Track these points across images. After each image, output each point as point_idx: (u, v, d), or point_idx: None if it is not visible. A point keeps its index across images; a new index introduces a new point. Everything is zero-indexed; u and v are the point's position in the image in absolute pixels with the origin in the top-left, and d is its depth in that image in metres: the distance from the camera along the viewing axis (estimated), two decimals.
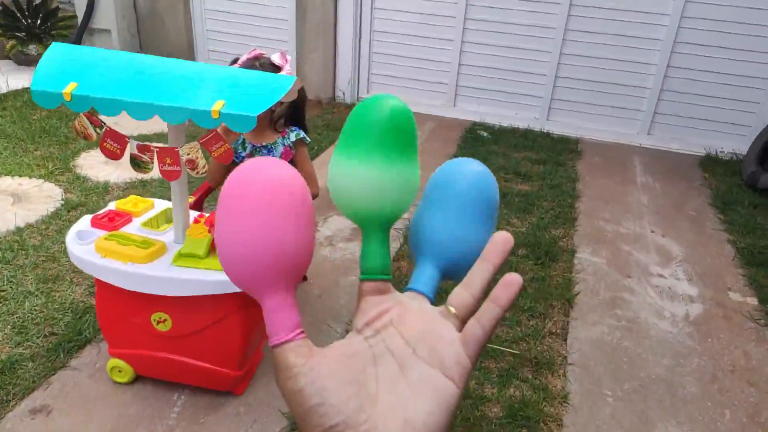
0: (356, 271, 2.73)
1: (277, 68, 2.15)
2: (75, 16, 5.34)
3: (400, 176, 0.47)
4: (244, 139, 2.31)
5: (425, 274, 0.49)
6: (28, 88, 4.73)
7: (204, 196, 2.47)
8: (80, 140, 3.90)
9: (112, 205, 2.10)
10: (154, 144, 1.72)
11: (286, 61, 2.18)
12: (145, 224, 2.00)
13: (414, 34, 4.83)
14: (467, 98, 4.95)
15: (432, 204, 0.52)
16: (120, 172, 3.56)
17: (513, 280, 0.40)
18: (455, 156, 4.16)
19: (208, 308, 1.87)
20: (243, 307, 1.88)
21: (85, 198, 3.24)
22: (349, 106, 5.00)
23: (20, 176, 3.41)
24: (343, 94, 5.10)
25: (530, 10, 4.52)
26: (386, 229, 0.48)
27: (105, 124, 1.69)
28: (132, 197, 2.14)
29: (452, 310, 0.43)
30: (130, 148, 1.71)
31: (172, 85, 1.63)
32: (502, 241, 0.43)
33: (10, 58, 5.28)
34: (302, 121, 2.35)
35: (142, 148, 1.71)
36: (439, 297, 0.47)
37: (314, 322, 2.43)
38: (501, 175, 3.91)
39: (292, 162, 2.33)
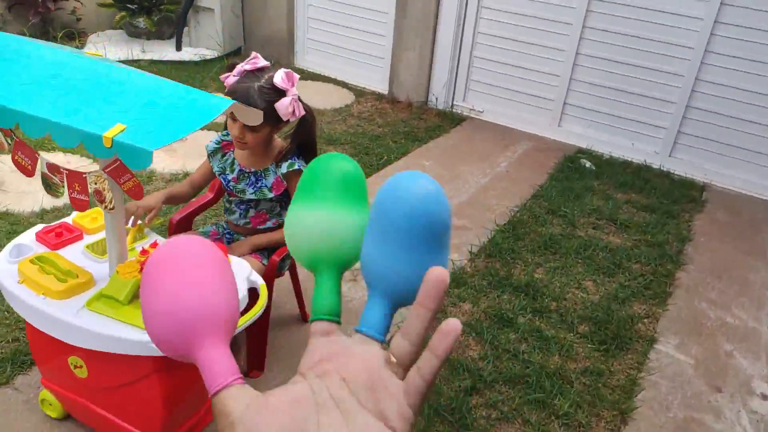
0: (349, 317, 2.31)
1: (279, 92, 1.76)
2: None
3: (348, 221, 0.50)
4: (233, 159, 1.95)
5: (374, 312, 0.48)
6: (122, 60, 4.75)
7: (198, 211, 2.15)
8: None
9: (71, 217, 1.84)
10: (65, 166, 1.40)
11: (292, 84, 1.78)
12: (89, 247, 1.71)
13: (522, 40, 4.22)
14: (575, 119, 4.26)
15: (373, 231, 0.49)
16: (171, 160, 3.38)
17: (450, 329, 0.39)
18: (541, 188, 3.55)
19: (124, 366, 1.53)
20: (164, 370, 1.53)
21: None
22: (440, 114, 4.51)
23: (73, 153, 3.33)
24: (436, 99, 4.62)
25: (665, 23, 3.73)
26: (337, 273, 0.51)
27: (14, 133, 1.39)
28: (98, 209, 1.86)
29: (393, 360, 0.42)
30: (41, 166, 1.41)
31: (79, 96, 1.29)
32: (434, 281, 0.41)
33: (123, 29, 5.39)
34: (311, 148, 1.95)
35: (53, 168, 1.39)
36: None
37: None
38: (590, 220, 3.25)
39: (285, 194, 1.93)
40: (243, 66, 1.76)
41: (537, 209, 3.31)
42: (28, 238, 1.73)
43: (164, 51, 5.13)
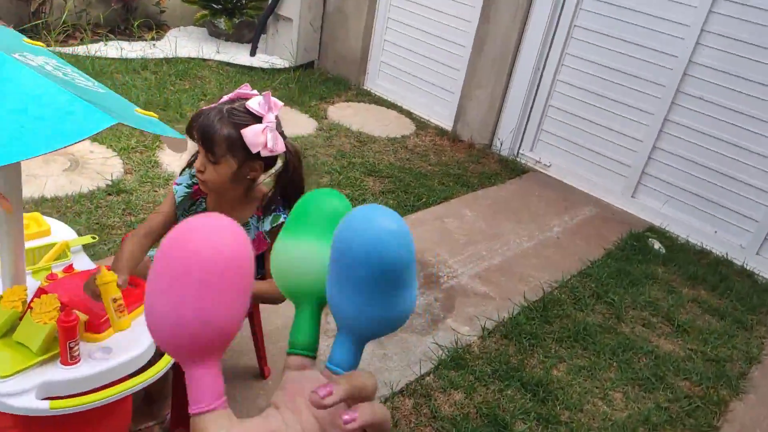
0: None
1: (254, 117, 1.46)
2: None
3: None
4: (205, 209, 1.65)
5: (341, 349, 0.49)
6: (192, 58, 4.71)
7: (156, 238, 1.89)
8: None
9: None
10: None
11: (270, 109, 1.48)
12: None
13: (606, 96, 3.77)
14: (652, 191, 3.74)
15: (333, 272, 0.49)
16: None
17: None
18: (592, 265, 3.08)
19: None
20: (23, 426, 1.27)
21: (140, 185, 2.93)
22: (502, 161, 4.12)
23: (99, 143, 3.23)
24: (501, 144, 4.23)
25: None
26: (318, 306, 0.53)
27: None
28: (35, 215, 1.66)
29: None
30: None
31: None
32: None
33: (205, 27, 5.39)
34: (297, 194, 1.62)
35: None
36: None
37: None
38: (641, 315, 2.75)
39: (267, 254, 1.63)
40: (231, 95, 1.51)
41: (580, 289, 2.85)
42: None
43: (238, 54, 5.07)
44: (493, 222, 3.35)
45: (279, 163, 1.59)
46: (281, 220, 1.56)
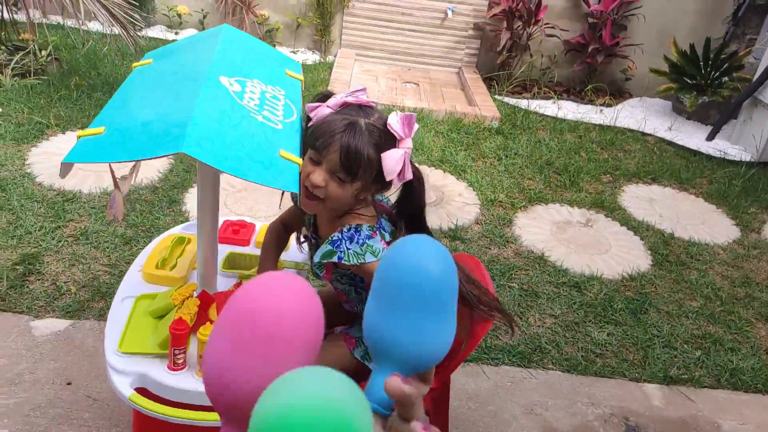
0: None
1: (390, 140, 1.23)
2: (749, 79, 4.38)
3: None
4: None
5: (378, 384, 0.48)
6: (631, 130, 4.33)
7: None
8: None
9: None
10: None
11: (410, 131, 1.25)
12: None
13: None
14: None
15: (374, 299, 0.50)
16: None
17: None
18: None
19: None
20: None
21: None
22: None
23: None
24: None
25: None
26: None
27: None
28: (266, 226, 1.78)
29: None
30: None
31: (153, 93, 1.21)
32: (392, 392, 0.44)
33: (669, 100, 4.90)
34: (417, 221, 1.37)
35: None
36: None
37: None
38: None
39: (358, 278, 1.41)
40: (343, 97, 1.28)
41: None
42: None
43: (691, 135, 4.43)
44: None
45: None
46: (334, 259, 1.29)
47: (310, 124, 1.29)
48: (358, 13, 4.93)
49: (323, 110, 1.27)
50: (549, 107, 4.55)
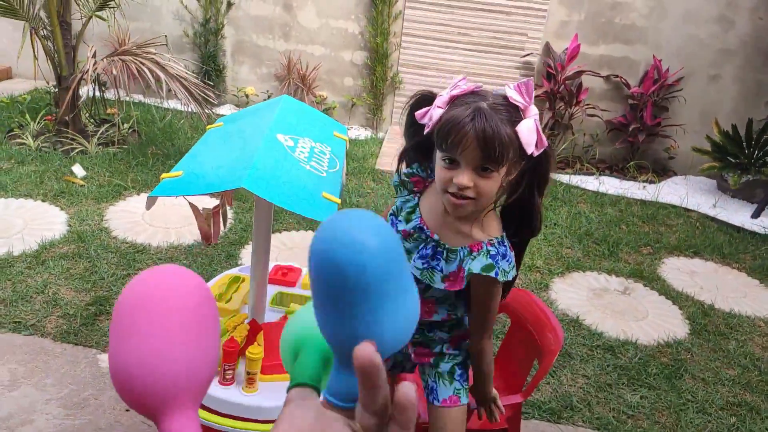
0: None
1: (516, 110, 1.19)
2: None
3: None
4: (416, 206, 1.36)
5: (337, 378, 0.45)
6: (674, 206, 4.40)
7: None
8: None
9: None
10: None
11: (531, 98, 1.20)
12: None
13: None
14: None
15: (312, 295, 0.46)
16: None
17: (405, 401, 0.37)
18: None
19: None
20: None
21: None
22: None
23: None
24: None
25: None
26: (322, 352, 0.51)
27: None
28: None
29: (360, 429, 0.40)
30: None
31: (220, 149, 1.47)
32: (360, 361, 0.37)
33: (713, 179, 4.95)
34: (528, 217, 1.29)
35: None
36: None
37: None
38: None
39: (462, 293, 1.33)
40: (449, 92, 1.20)
41: None
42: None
43: (736, 212, 4.45)
44: None
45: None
46: (493, 273, 1.21)
47: (427, 130, 1.22)
48: (408, 94, 5.29)
49: (436, 111, 1.20)
50: (591, 182, 4.69)
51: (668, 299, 3.19)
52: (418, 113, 1.24)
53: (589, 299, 3.09)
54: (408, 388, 0.36)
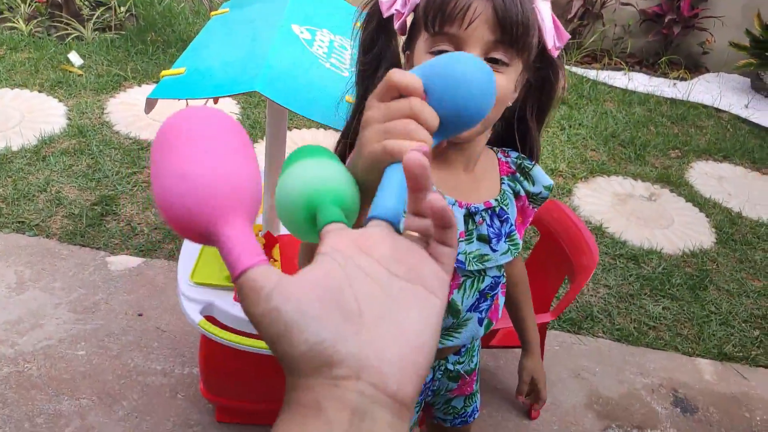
0: None
1: None
2: None
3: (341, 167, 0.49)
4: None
5: (384, 195, 0.44)
6: (705, 105, 4.16)
7: None
8: None
9: None
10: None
11: None
12: None
13: None
14: None
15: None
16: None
17: (439, 207, 0.39)
18: None
19: None
20: None
21: None
22: None
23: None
24: None
25: None
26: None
27: None
28: None
29: (413, 234, 0.41)
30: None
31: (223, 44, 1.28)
32: (410, 169, 0.40)
33: (747, 77, 4.66)
34: (527, 140, 0.99)
35: None
36: None
37: None
38: None
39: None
40: None
41: None
42: None
43: None
44: None
45: None
46: (544, 187, 1.00)
47: (403, 17, 0.82)
48: None
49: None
50: (619, 78, 4.41)
51: (695, 206, 3.06)
52: (384, 2, 0.82)
53: (613, 206, 2.97)
54: (437, 198, 0.38)
